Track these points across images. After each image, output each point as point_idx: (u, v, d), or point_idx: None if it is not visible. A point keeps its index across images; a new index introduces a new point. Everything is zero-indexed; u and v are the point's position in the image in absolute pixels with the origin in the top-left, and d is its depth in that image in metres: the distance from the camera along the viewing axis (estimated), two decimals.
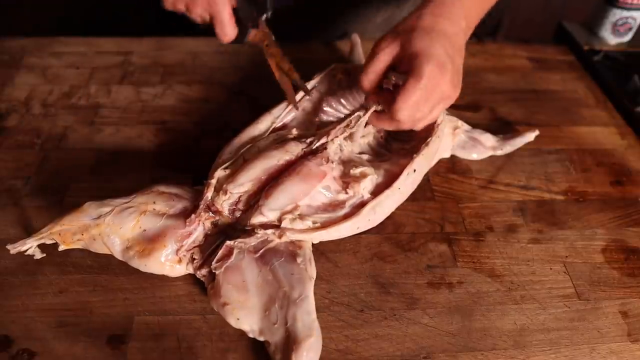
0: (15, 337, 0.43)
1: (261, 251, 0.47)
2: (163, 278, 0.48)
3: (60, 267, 0.49)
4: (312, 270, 0.47)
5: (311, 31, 0.77)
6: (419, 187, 0.58)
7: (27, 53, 0.76)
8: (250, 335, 0.43)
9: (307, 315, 0.42)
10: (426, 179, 0.60)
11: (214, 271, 0.45)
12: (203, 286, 0.47)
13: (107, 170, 0.59)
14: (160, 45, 0.79)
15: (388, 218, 0.55)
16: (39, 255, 0.48)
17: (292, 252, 0.47)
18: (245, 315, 0.43)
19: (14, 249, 0.47)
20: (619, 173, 0.64)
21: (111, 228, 0.47)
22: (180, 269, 0.47)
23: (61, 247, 0.48)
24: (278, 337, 0.42)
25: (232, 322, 0.43)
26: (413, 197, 0.57)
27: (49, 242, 0.48)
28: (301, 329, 0.42)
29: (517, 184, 0.61)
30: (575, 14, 0.97)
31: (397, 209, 0.55)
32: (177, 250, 0.47)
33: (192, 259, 0.47)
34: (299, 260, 0.47)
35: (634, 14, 0.83)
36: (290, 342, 0.41)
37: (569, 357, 0.45)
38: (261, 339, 0.43)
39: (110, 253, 0.47)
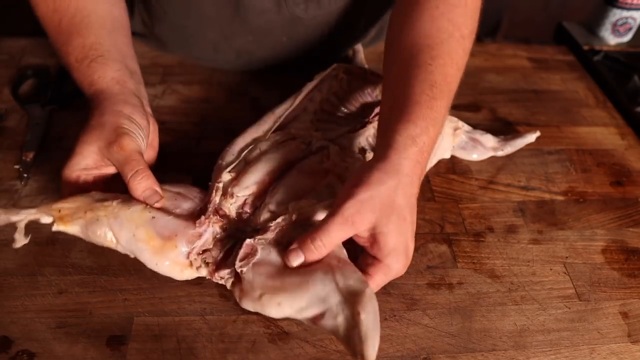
0: (15, 338, 0.43)
1: (282, 240, 0.46)
2: (163, 279, 0.48)
3: (60, 268, 0.49)
4: None
5: (307, 59, 0.76)
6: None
7: (27, 53, 0.76)
8: (295, 317, 0.41)
9: (353, 273, 0.42)
10: (426, 179, 0.60)
11: (238, 270, 0.44)
12: (203, 287, 0.47)
13: None
14: None
15: None
16: (21, 241, 0.43)
17: (306, 223, 0.46)
18: (287, 298, 0.41)
19: (3, 214, 0.42)
20: (619, 173, 0.64)
21: (119, 209, 0.44)
22: (188, 273, 0.46)
23: (55, 227, 0.44)
24: (334, 300, 0.40)
25: (273, 310, 0.41)
26: None
27: (44, 220, 0.44)
28: (355, 283, 0.40)
29: (517, 185, 0.61)
30: (575, 14, 0.97)
31: None
32: (188, 253, 0.46)
33: (206, 263, 0.46)
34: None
35: (634, 14, 0.83)
36: (349, 297, 0.40)
37: (569, 358, 0.45)
38: (310, 314, 0.40)
39: (109, 244, 0.45)
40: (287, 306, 0.41)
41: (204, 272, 0.46)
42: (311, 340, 0.44)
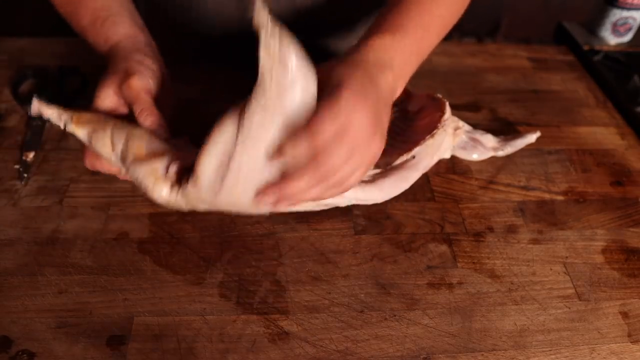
0: (15, 338, 0.43)
1: None
2: (163, 279, 0.48)
3: (60, 267, 0.49)
4: None
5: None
6: (419, 187, 0.58)
7: (27, 53, 0.76)
8: None
9: None
10: (426, 179, 0.60)
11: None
12: (203, 287, 0.48)
13: None
14: None
15: (388, 218, 0.55)
16: (62, 124, 0.49)
17: None
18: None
19: (35, 108, 0.49)
20: (619, 173, 0.64)
21: (127, 125, 0.48)
22: (159, 189, 0.45)
23: (68, 128, 0.48)
24: None
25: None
26: (413, 198, 0.57)
27: (63, 120, 0.48)
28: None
29: (517, 185, 0.61)
30: (575, 14, 0.97)
31: (397, 209, 0.55)
32: (167, 167, 0.45)
33: (177, 183, 0.45)
34: None
35: (634, 14, 0.83)
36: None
37: (569, 358, 0.45)
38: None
39: (107, 150, 0.47)
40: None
41: (173, 192, 0.45)
42: (311, 340, 0.44)
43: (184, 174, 0.45)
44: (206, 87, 0.72)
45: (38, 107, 0.48)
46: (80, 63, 0.73)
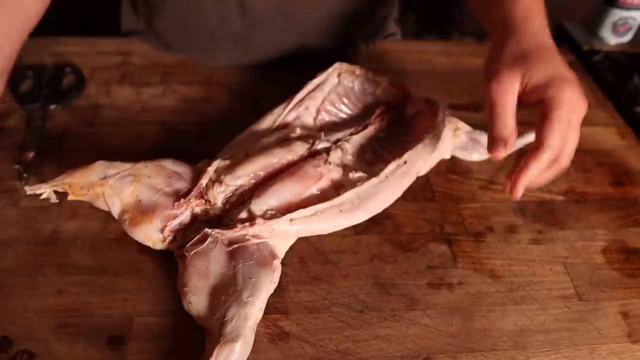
0: (15, 338, 0.43)
1: (234, 246, 0.46)
2: (163, 279, 0.48)
3: (60, 267, 0.49)
4: (276, 278, 0.46)
5: (305, 50, 0.77)
6: (419, 187, 0.58)
7: (27, 53, 0.75)
8: (197, 322, 0.43)
9: (243, 320, 0.41)
10: (426, 179, 0.60)
11: (185, 254, 0.46)
12: None
13: None
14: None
15: (388, 218, 0.55)
16: (54, 199, 0.52)
17: (263, 259, 0.46)
18: (197, 302, 0.43)
19: (30, 190, 0.50)
20: (619, 173, 0.64)
21: (113, 190, 0.49)
22: (160, 245, 0.49)
23: (70, 197, 0.51)
24: (213, 330, 0.41)
25: (185, 305, 0.44)
26: (413, 198, 0.57)
27: (60, 190, 0.51)
28: (230, 330, 0.40)
29: None
30: (575, 14, 0.97)
31: (397, 209, 0.55)
32: (162, 229, 0.48)
33: (174, 239, 0.48)
34: (268, 268, 0.46)
35: (634, 14, 0.83)
36: (219, 338, 0.40)
37: (569, 358, 0.45)
38: (202, 325, 0.43)
39: (109, 212, 0.50)
40: (194, 308, 0.43)
41: (172, 247, 0.48)
42: (311, 340, 0.45)
43: (180, 230, 0.49)
44: (206, 87, 0.72)
45: (31, 190, 0.51)
46: (77, 60, 0.73)
